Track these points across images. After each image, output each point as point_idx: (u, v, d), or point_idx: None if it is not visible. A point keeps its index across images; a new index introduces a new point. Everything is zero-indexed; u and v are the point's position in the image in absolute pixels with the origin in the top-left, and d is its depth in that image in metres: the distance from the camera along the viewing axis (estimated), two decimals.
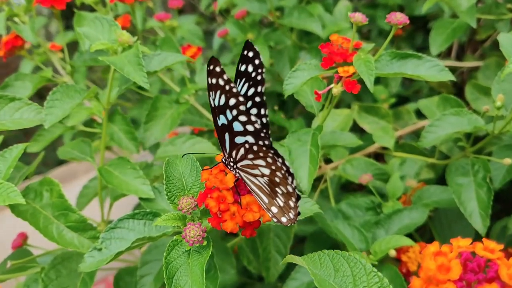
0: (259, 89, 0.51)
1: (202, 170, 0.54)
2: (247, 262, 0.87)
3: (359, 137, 0.99)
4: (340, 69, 0.64)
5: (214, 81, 0.46)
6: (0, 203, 0.56)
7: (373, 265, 0.70)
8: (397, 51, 0.67)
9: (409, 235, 0.75)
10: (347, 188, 1.18)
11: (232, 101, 0.46)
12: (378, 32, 1.41)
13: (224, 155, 0.51)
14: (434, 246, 0.41)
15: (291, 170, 0.48)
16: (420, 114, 1.07)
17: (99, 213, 0.82)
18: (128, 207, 1.30)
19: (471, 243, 0.41)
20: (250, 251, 0.87)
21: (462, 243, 0.40)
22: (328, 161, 1.00)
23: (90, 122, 0.97)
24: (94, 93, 0.68)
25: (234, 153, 0.50)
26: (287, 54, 1.13)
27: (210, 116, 0.95)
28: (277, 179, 0.48)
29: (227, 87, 0.46)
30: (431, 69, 0.66)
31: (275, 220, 0.49)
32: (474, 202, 0.75)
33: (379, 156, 1.16)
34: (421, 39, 1.42)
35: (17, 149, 0.63)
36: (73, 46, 1.18)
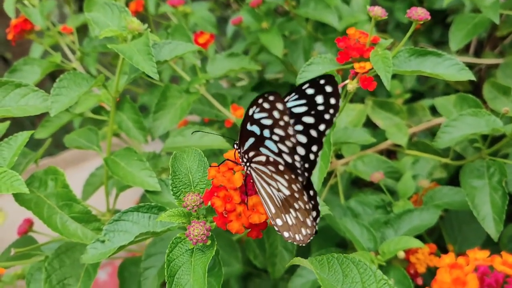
0: (321, 127, 0.46)
1: (209, 165, 0.53)
2: (253, 256, 0.86)
3: (371, 133, 0.97)
4: (356, 65, 0.62)
5: (267, 106, 0.42)
6: (3, 191, 0.55)
7: (381, 266, 0.69)
8: (415, 48, 0.65)
9: (419, 236, 0.74)
10: (357, 183, 1.16)
11: (280, 132, 0.43)
12: (396, 24, 1.38)
13: (240, 148, 0.48)
14: (449, 257, 0.39)
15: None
16: (435, 111, 1.04)
17: (105, 202, 0.82)
18: (136, 195, 1.30)
19: (489, 256, 0.39)
20: (256, 245, 0.86)
21: (479, 255, 0.39)
22: (339, 156, 0.98)
23: (99, 109, 0.95)
24: (102, 81, 0.66)
25: (251, 153, 0.47)
26: (302, 44, 1.11)
27: (220, 107, 0.93)
28: (292, 201, 0.46)
29: (281, 122, 0.42)
30: (450, 67, 0.63)
31: (278, 232, 0.48)
32: (488, 206, 0.73)
33: (392, 153, 1.14)
34: (439, 33, 1.39)
35: (22, 137, 0.61)
36: (85, 30, 1.17)
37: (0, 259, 0.73)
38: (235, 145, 0.49)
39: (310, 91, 0.45)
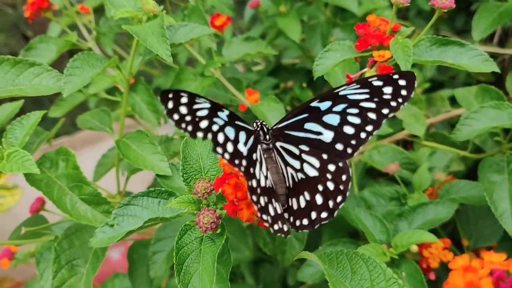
0: (384, 111, 0.49)
1: None
2: (263, 243, 0.85)
3: (388, 122, 0.95)
4: (375, 53, 0.60)
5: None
6: (14, 171, 0.55)
7: (393, 259, 0.68)
8: (437, 37, 0.62)
9: (432, 229, 0.72)
10: (371, 172, 1.14)
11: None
12: (417, 11, 1.34)
13: None
14: (463, 259, 0.37)
15: None
16: (454, 101, 1.01)
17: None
18: (149, 175, 1.30)
19: (506, 259, 0.37)
20: (266, 232, 0.85)
21: (494, 259, 0.37)
22: None
23: (113, 90, 0.95)
24: (116, 62, 0.65)
25: None
26: (320, 30, 1.09)
27: (235, 91, 0.92)
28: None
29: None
30: (474, 58, 0.61)
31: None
32: (507, 202, 0.70)
33: (408, 143, 1.12)
34: (463, 21, 1.35)
35: (34, 116, 0.61)
36: (103, 10, 1.16)
37: (12, 236, 0.74)
38: None
39: (377, 83, 0.49)
